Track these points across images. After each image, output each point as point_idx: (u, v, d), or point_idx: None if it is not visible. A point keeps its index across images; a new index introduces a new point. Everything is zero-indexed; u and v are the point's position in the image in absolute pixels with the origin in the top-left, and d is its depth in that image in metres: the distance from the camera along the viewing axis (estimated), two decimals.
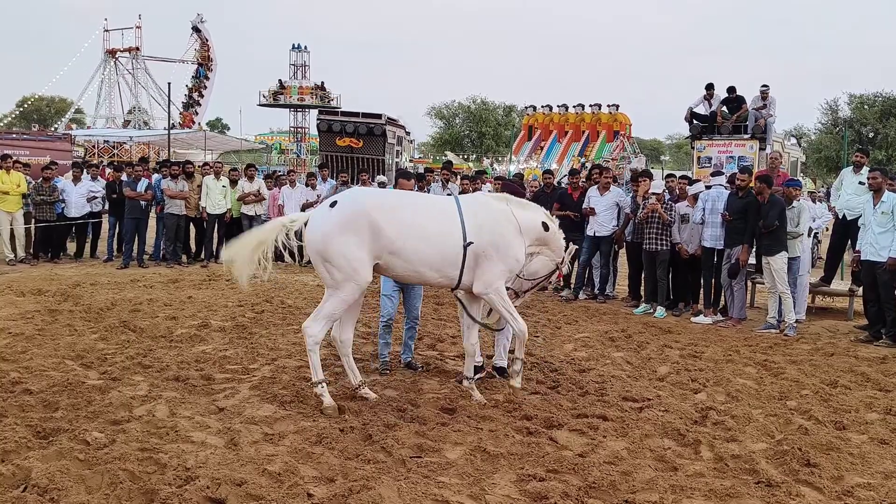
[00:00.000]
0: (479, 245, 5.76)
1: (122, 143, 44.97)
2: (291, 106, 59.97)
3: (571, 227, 11.37)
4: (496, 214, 5.93)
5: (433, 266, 5.78)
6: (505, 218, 5.92)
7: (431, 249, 5.72)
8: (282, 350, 7.43)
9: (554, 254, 6.24)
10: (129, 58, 63.73)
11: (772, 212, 9.02)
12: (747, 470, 4.78)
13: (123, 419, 5.25)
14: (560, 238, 6.27)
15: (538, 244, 6.17)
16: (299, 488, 4.20)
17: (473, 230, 5.76)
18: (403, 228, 5.64)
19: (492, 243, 5.80)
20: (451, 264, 5.78)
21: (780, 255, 9.11)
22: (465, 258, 5.76)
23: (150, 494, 4.05)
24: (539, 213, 6.23)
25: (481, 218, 5.85)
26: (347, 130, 28.84)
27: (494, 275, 5.82)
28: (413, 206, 5.93)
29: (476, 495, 4.29)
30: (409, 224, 5.68)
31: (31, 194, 13.61)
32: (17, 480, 4.16)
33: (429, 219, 5.81)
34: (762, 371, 7.35)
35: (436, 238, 5.73)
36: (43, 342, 7.39)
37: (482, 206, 6.01)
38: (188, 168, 14.17)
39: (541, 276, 6.31)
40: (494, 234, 5.82)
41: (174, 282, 11.57)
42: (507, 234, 5.86)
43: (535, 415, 5.69)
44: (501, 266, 5.84)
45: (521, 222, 5.93)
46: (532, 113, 41.96)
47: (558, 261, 6.26)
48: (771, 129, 17.66)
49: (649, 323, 9.58)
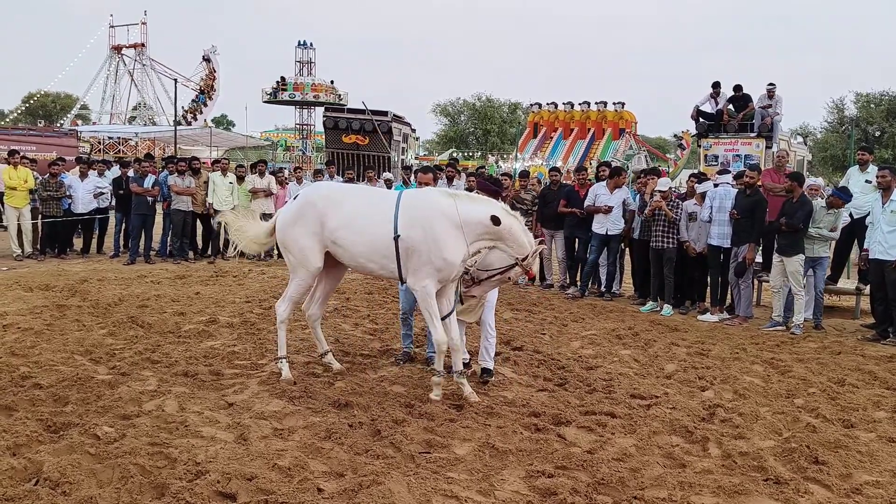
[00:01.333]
0: (408, 239, 5.84)
1: (128, 139, 45.07)
2: (297, 103, 60.04)
3: (577, 224, 11.40)
4: (431, 211, 5.86)
5: (368, 257, 6.08)
6: (441, 214, 5.81)
7: (363, 241, 6.05)
8: (290, 346, 7.42)
9: (512, 249, 5.92)
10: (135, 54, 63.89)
11: (800, 212, 8.99)
12: (755, 467, 4.78)
13: (133, 414, 5.27)
14: (519, 233, 5.93)
15: (490, 238, 5.92)
16: (309, 483, 4.22)
17: (405, 224, 5.86)
18: (343, 220, 6.10)
19: (422, 239, 5.80)
20: (386, 256, 5.98)
21: (797, 258, 9.08)
22: (397, 251, 5.90)
23: (160, 489, 4.08)
24: (490, 207, 5.95)
25: (416, 213, 5.90)
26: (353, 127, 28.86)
27: (422, 272, 5.84)
28: (356, 199, 6.27)
29: (485, 491, 4.30)
30: (348, 216, 6.10)
31: (37, 190, 13.66)
32: (29, 474, 4.19)
33: (366, 212, 6.10)
34: (769, 369, 7.35)
35: (368, 230, 6.02)
36: (52, 337, 7.42)
37: (420, 202, 6.02)
38: (195, 164, 14.21)
39: (495, 268, 6.03)
40: (425, 230, 5.80)
41: (181, 278, 11.60)
42: (439, 231, 5.77)
43: (543, 412, 5.70)
44: (429, 265, 5.80)
45: (463, 217, 5.79)
46: (537, 110, 42.01)
47: (519, 256, 5.92)
48: (777, 128, 17.65)
49: (656, 321, 9.58)
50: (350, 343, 7.73)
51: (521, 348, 7.76)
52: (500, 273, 6.05)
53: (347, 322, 8.74)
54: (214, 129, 55.11)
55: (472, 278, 6.14)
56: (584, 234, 11.35)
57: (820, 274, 9.47)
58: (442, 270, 5.80)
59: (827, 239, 9.37)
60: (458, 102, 72.19)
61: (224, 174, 13.95)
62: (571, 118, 40.34)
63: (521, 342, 7.98)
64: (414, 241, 5.82)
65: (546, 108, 41.45)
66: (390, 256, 5.94)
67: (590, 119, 39.68)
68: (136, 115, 63.74)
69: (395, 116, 30.52)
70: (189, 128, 52.55)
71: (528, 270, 5.99)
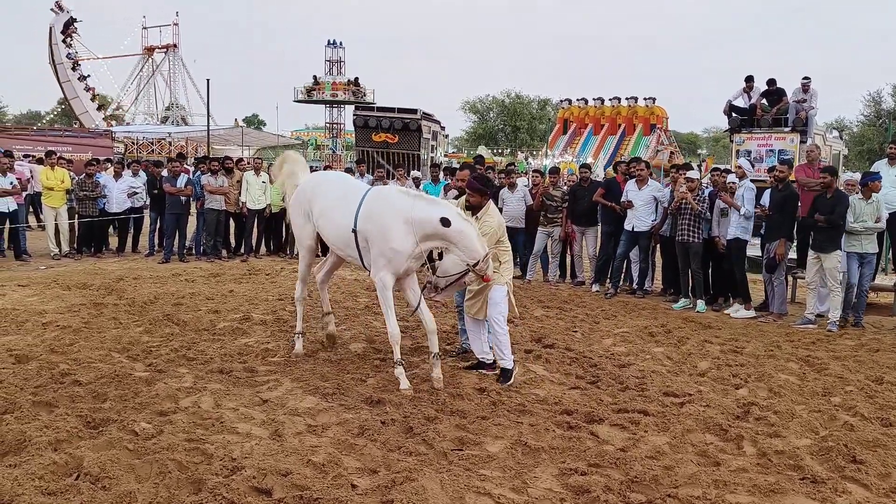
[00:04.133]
0: (364, 231, 6.33)
1: (162, 138, 45.62)
2: (327, 102, 60.34)
3: (611, 219, 11.34)
4: (385, 207, 6.27)
5: (337, 245, 6.75)
6: (393, 210, 6.18)
7: (334, 230, 6.67)
8: (318, 342, 7.51)
9: (463, 253, 5.99)
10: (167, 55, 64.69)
11: (839, 208, 8.87)
12: (792, 466, 4.74)
13: (170, 410, 5.35)
14: (471, 238, 5.97)
15: (438, 239, 6.11)
16: (343, 479, 4.25)
17: (363, 218, 6.34)
18: (322, 209, 6.77)
19: (374, 231, 6.24)
20: (349, 246, 6.55)
21: (835, 255, 8.95)
22: (357, 243, 6.42)
23: (197, 484, 4.14)
24: (442, 210, 6.09)
25: (373, 208, 6.34)
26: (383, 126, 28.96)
27: (378, 263, 6.26)
28: (335, 191, 6.82)
29: (518, 488, 4.30)
30: (325, 206, 6.75)
31: (74, 190, 13.91)
32: (70, 469, 4.27)
33: (338, 205, 6.63)
34: (805, 367, 7.26)
35: (336, 221, 6.60)
36: (90, 335, 7.55)
37: (378, 198, 6.45)
38: (227, 164, 14.35)
39: (451, 274, 6.15)
40: (377, 223, 6.23)
41: (215, 276, 11.74)
42: (388, 223, 6.16)
43: (576, 409, 5.69)
44: (381, 256, 6.20)
45: (413, 215, 6.08)
46: (567, 106, 41.79)
47: (470, 261, 5.96)
48: (812, 122, 17.36)
49: (689, 318, 9.50)
50: (382, 340, 7.76)
51: (552, 346, 7.74)
52: (457, 279, 6.20)
53: (378, 320, 8.77)
54: (246, 129, 55.60)
55: (433, 285, 6.35)
56: (619, 231, 11.28)
57: (867, 272, 9.28)
58: (392, 261, 6.17)
59: (874, 231, 9.17)
60: (486, 99, 72.10)
61: (257, 173, 14.08)
62: (602, 114, 40.08)
63: (552, 340, 7.96)
64: (368, 234, 6.30)
65: (576, 104, 41.21)
66: (352, 246, 6.50)
67: (620, 115, 39.40)
68: (168, 115, 64.49)
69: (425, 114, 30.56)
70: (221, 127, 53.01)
71: (483, 276, 6.07)
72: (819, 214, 8.90)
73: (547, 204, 11.84)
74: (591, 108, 40.64)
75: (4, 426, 4.85)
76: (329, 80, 58.56)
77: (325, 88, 58.28)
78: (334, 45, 60.32)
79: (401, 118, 28.74)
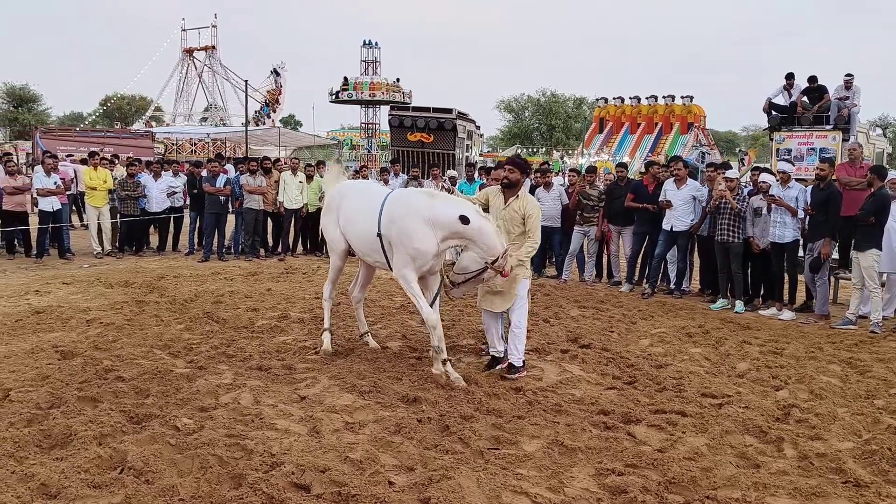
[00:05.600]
0: (388, 235, 6.44)
1: (200, 139, 46.26)
2: (363, 102, 60.61)
3: (647, 219, 11.23)
4: (405, 208, 6.36)
5: (364, 252, 6.88)
6: (414, 212, 6.28)
7: (358, 237, 6.84)
8: (359, 341, 7.56)
9: (482, 250, 6.09)
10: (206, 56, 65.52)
11: (871, 205, 8.72)
12: (834, 469, 4.66)
13: (210, 406, 5.44)
14: (489, 235, 6.05)
15: (458, 237, 6.20)
16: (380, 476, 4.29)
17: (385, 222, 6.46)
18: (347, 218, 6.97)
19: (397, 234, 6.34)
20: (375, 251, 6.65)
21: (871, 252, 8.79)
22: (382, 246, 6.52)
23: (238, 479, 4.21)
24: (461, 208, 6.16)
25: (393, 210, 6.45)
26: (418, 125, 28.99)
27: (400, 261, 6.35)
28: (356, 199, 6.98)
29: (555, 488, 4.30)
30: (350, 215, 6.94)
31: (116, 190, 14.18)
32: (115, 463, 4.37)
33: (360, 212, 6.80)
34: (847, 369, 7.13)
35: (360, 228, 6.78)
36: (132, 332, 7.70)
37: (398, 201, 6.54)
38: (266, 164, 14.52)
39: (470, 271, 6.35)
40: (399, 225, 6.33)
41: (253, 275, 11.89)
42: (410, 225, 6.25)
43: (612, 410, 5.66)
44: (404, 255, 6.30)
45: (433, 214, 6.18)
46: (603, 105, 41.44)
47: (489, 258, 6.06)
48: (855, 120, 17.06)
49: (727, 318, 9.39)
50: (417, 339, 7.81)
51: (589, 346, 7.70)
52: (476, 275, 6.37)
53: (414, 318, 8.82)
54: (283, 129, 56.11)
55: (450, 282, 6.53)
56: (655, 232, 11.17)
57: None
58: (416, 259, 6.26)
59: None
60: (522, 98, 71.89)
61: (294, 173, 14.22)
62: (638, 112, 39.66)
63: (588, 340, 7.92)
64: (391, 236, 6.40)
65: (612, 103, 40.87)
66: (378, 251, 6.59)
67: (657, 113, 38.95)
68: (207, 117, 65.34)
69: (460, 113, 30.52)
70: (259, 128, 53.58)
71: (501, 271, 6.12)
72: (861, 212, 8.77)
73: (583, 203, 11.79)
74: (628, 106, 40.24)
75: (51, 420, 4.99)
76: (366, 80, 58.80)
77: (362, 88, 58.54)
78: (370, 46, 60.57)
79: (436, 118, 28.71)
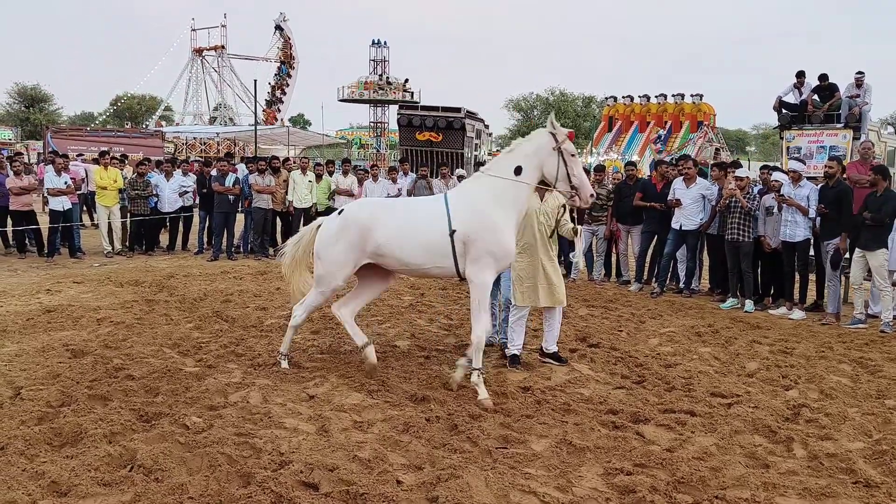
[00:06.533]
0: (464, 232, 6.00)
1: (210, 138, 46.40)
2: (371, 101, 60.65)
3: (656, 218, 11.20)
4: (475, 197, 6.15)
5: (422, 262, 6.16)
6: (484, 195, 6.10)
7: (418, 246, 6.12)
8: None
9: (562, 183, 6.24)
10: (215, 56, 65.73)
11: (886, 206, 8.67)
12: (844, 469, 4.64)
13: (219, 405, 5.46)
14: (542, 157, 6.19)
15: (524, 195, 6.20)
16: (389, 475, 4.29)
17: (458, 218, 6.04)
18: (393, 232, 6.18)
19: (476, 227, 5.99)
20: (442, 256, 6.07)
21: (881, 252, 8.75)
22: (454, 248, 6.02)
23: (247, 477, 4.22)
24: (509, 160, 6.26)
25: (467, 202, 6.14)
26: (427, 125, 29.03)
27: (480, 262, 6.01)
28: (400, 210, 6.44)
29: (563, 487, 4.29)
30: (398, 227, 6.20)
31: (126, 189, 14.25)
32: (125, 460, 4.39)
33: (413, 219, 6.27)
34: (858, 368, 7.10)
35: (421, 233, 6.13)
36: (142, 331, 7.74)
37: (462, 193, 6.36)
38: (275, 163, 14.56)
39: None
40: (478, 217, 6.03)
41: (262, 274, 11.92)
42: (487, 212, 6.05)
43: (621, 409, 5.65)
44: (485, 253, 5.99)
45: (496, 187, 6.11)
46: (613, 104, 41.34)
47: (565, 192, 6.29)
48: (866, 118, 16.96)
49: (737, 318, 9.36)
50: (425, 338, 7.82)
51: (597, 345, 7.69)
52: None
53: (423, 318, 8.83)
54: (292, 129, 56.24)
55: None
56: (663, 231, 11.14)
57: None
58: (498, 258, 5.99)
59: None
60: (530, 97, 71.82)
61: (303, 172, 14.25)
62: (648, 111, 39.54)
63: (597, 339, 7.91)
64: (469, 232, 5.96)
65: (621, 102, 40.77)
66: (446, 254, 6.04)
67: (667, 112, 38.81)
68: (216, 116, 65.55)
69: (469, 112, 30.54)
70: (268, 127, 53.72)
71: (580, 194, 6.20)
72: (867, 212, 8.73)
73: (592, 202, 11.74)
74: (637, 105, 40.12)
75: (62, 419, 5.01)
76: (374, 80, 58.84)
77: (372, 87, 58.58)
78: (379, 45, 60.57)
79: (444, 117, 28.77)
